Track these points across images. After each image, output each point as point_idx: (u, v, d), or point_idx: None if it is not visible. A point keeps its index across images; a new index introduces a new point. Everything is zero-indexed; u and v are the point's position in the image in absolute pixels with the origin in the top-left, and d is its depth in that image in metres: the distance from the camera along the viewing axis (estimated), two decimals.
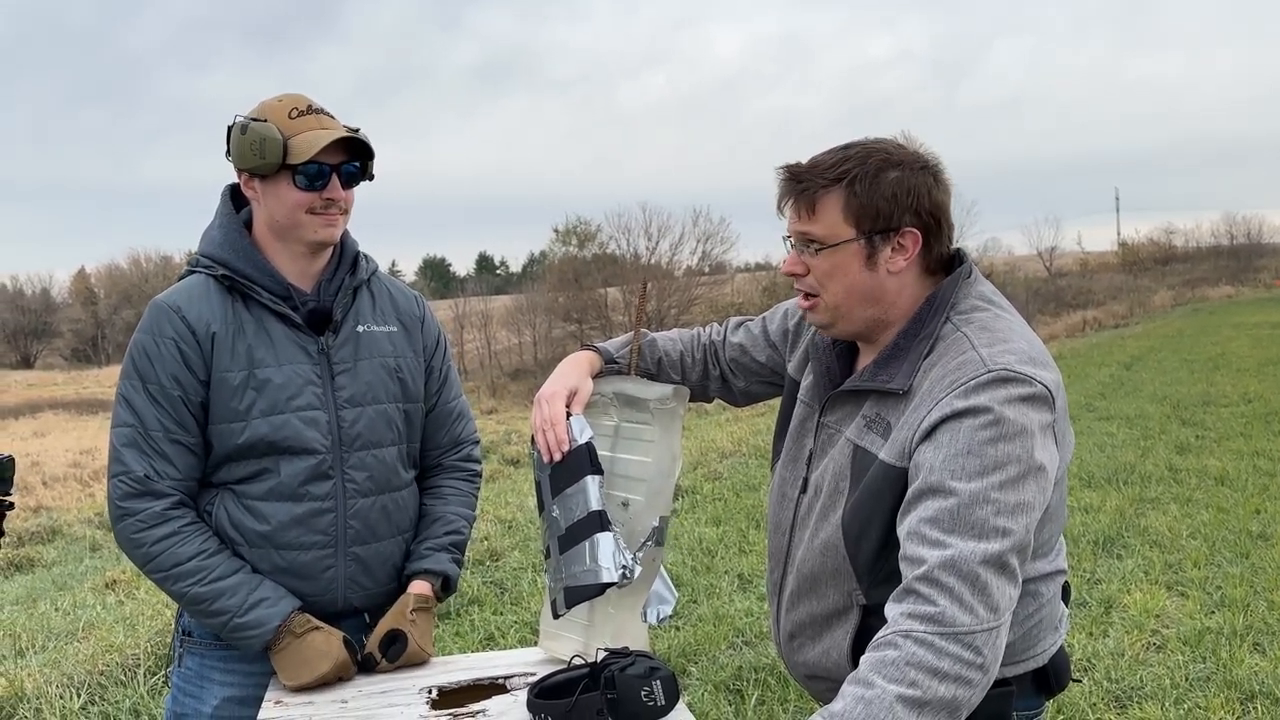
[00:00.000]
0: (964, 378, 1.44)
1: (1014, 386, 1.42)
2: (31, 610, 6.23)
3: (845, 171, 1.51)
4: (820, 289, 1.57)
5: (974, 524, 1.36)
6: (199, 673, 1.91)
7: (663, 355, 1.95)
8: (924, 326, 1.54)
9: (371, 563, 1.94)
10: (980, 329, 1.51)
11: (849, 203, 1.51)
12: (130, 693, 4.08)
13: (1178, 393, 12.02)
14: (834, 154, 1.55)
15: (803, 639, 1.67)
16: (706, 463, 9.09)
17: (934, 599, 1.34)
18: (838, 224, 1.52)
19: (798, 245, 1.58)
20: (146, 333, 1.84)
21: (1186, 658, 4.13)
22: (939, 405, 1.44)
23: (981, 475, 1.38)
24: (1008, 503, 1.37)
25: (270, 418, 1.84)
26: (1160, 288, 41.90)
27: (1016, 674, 1.59)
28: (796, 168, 1.56)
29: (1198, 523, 6.19)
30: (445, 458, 2.11)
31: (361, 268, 1.99)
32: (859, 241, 1.52)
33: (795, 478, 1.71)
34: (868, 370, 1.58)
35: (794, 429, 1.75)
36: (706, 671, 4.17)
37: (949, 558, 1.35)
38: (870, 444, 1.54)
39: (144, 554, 1.81)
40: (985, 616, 1.34)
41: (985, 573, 1.34)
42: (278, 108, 1.84)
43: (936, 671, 1.31)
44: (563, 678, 1.71)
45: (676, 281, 37.86)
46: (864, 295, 1.56)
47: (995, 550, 1.35)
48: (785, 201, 1.57)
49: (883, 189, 1.51)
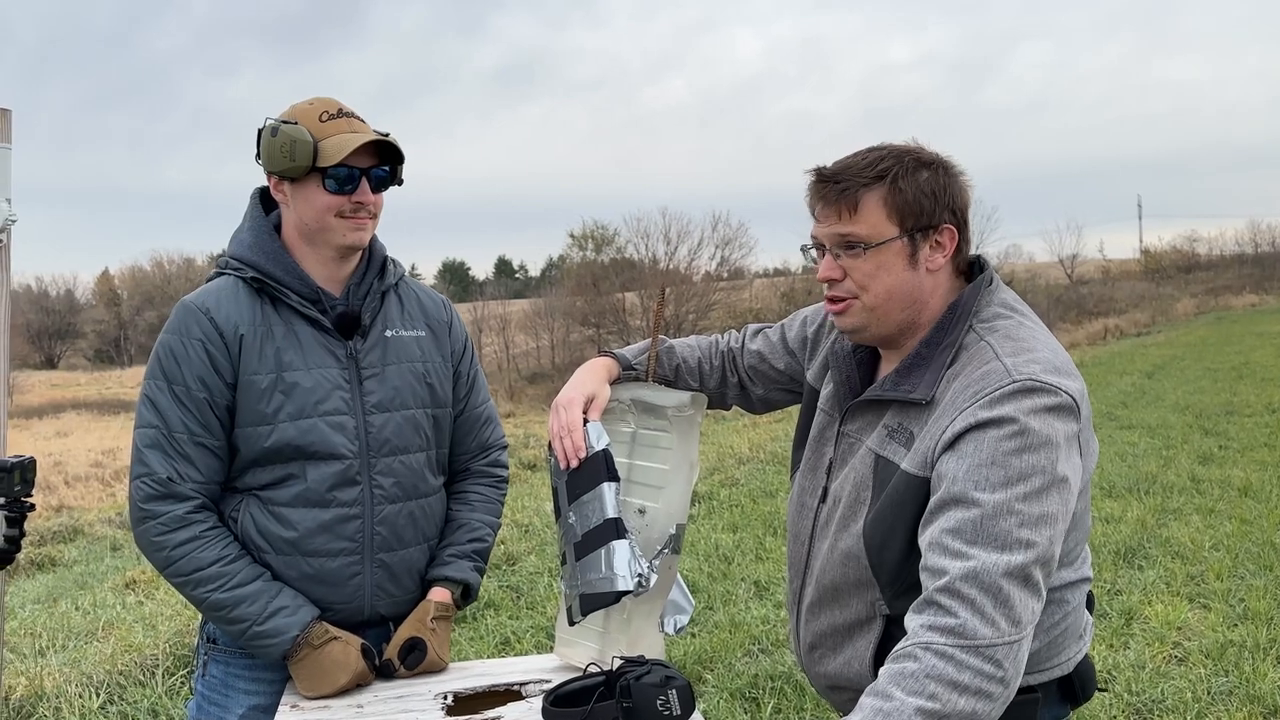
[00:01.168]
0: (988, 388, 1.42)
1: (1039, 397, 1.40)
2: (52, 609, 6.28)
3: (886, 169, 1.51)
4: (861, 291, 1.55)
5: (997, 535, 1.35)
6: (224, 681, 1.91)
7: (680, 362, 1.94)
8: (946, 335, 1.53)
9: (398, 570, 1.93)
10: (1004, 338, 1.50)
11: (892, 200, 1.51)
12: (149, 693, 4.11)
13: (1200, 402, 11.91)
14: (866, 155, 1.54)
15: (824, 650, 1.66)
16: (724, 468, 9.08)
17: (955, 610, 1.33)
18: (881, 222, 1.52)
19: (834, 249, 1.56)
20: (173, 333, 1.83)
21: (1208, 671, 4.08)
22: (962, 415, 1.42)
23: (1005, 486, 1.36)
24: (1031, 514, 1.36)
25: (298, 422, 1.83)
26: (1183, 296, 41.54)
27: (1041, 682, 1.58)
28: (831, 169, 1.55)
29: (1220, 534, 6.12)
30: (473, 463, 2.11)
31: (390, 272, 1.99)
32: (902, 239, 1.52)
33: (814, 487, 1.70)
34: (889, 380, 1.57)
35: (813, 438, 1.74)
36: (722, 679, 4.16)
37: (971, 569, 1.33)
38: (892, 454, 1.52)
39: (165, 557, 1.80)
40: (1007, 629, 1.32)
41: (1008, 585, 1.33)
42: (309, 111, 1.84)
43: (956, 684, 1.30)
44: (578, 685, 1.71)
45: (694, 287, 37.81)
46: (904, 295, 1.55)
47: (1018, 562, 1.34)
48: (819, 205, 1.56)
49: (920, 185, 1.51)
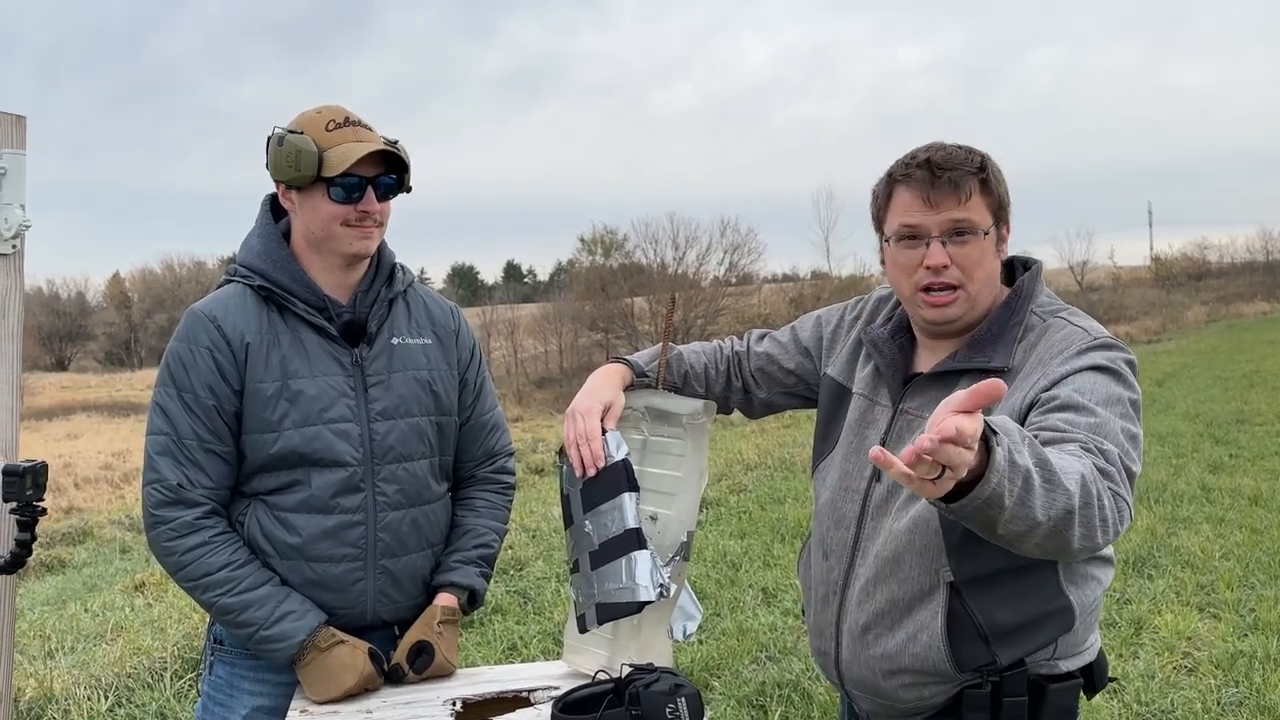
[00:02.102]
0: (1074, 344, 1.57)
1: (1118, 352, 1.57)
2: (61, 611, 6.30)
3: (982, 164, 1.62)
4: (967, 279, 1.63)
5: (1112, 435, 1.45)
6: (229, 682, 1.92)
7: (689, 368, 1.95)
8: (1014, 314, 1.65)
9: (401, 576, 1.94)
10: (1071, 314, 1.66)
11: (989, 190, 1.62)
12: (156, 695, 4.12)
13: (1211, 410, 11.86)
14: (954, 150, 1.63)
15: (880, 629, 1.65)
16: (731, 475, 9.07)
17: (1103, 464, 1.38)
18: (983, 211, 1.62)
19: (944, 236, 1.61)
20: (182, 341, 1.85)
21: (1218, 681, 4.06)
22: (1052, 366, 1.55)
23: (1108, 405, 1.48)
24: (1131, 431, 1.49)
25: (303, 429, 1.84)
26: (1193, 303, 41.39)
27: (1079, 666, 1.63)
28: (939, 158, 1.61)
29: (1231, 543, 6.09)
30: (479, 469, 2.11)
31: (398, 279, 2.00)
32: (995, 229, 1.64)
33: (861, 470, 1.71)
34: (961, 353, 1.64)
35: (854, 422, 1.76)
36: (730, 686, 4.15)
37: (1103, 448, 1.41)
38: None
39: (175, 562, 1.82)
40: (1132, 504, 1.42)
41: (1122, 471, 1.41)
42: (315, 120, 1.85)
43: (1102, 498, 1.34)
44: (587, 693, 1.71)
45: (703, 292, 37.82)
46: (992, 282, 1.67)
47: (1128, 461, 1.44)
48: (931, 193, 1.61)
49: (1002, 180, 1.64)
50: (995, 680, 1.58)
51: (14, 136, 1.95)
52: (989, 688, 1.57)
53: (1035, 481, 1.24)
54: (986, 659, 1.57)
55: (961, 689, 1.60)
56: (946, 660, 1.58)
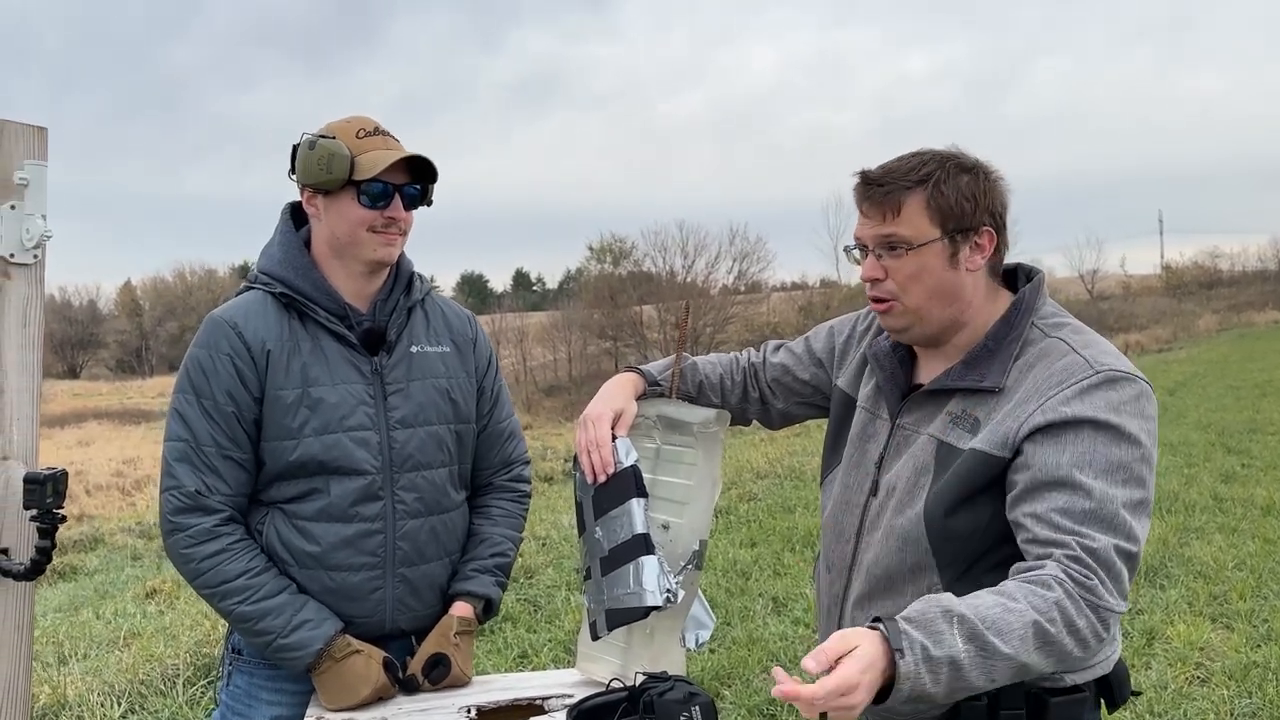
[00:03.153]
0: (1072, 378, 1.51)
1: (1124, 386, 1.51)
2: (74, 618, 6.33)
3: (928, 174, 1.58)
4: (901, 293, 1.62)
5: (1106, 519, 1.42)
6: (248, 691, 1.93)
7: (703, 379, 1.96)
8: (1012, 329, 1.61)
9: (419, 584, 1.95)
10: (1072, 333, 1.59)
11: (934, 203, 1.58)
12: (169, 703, 4.14)
13: (1223, 420, 11.81)
14: (910, 159, 1.61)
15: None
16: (741, 483, 9.06)
17: (1083, 572, 1.39)
18: (923, 224, 1.58)
19: (876, 249, 1.62)
20: (203, 347, 1.86)
21: (1232, 692, 4.04)
22: (1051, 401, 1.49)
23: (1108, 474, 1.44)
24: (1132, 500, 1.44)
25: (322, 437, 1.85)
26: (1205, 312, 41.26)
27: (1088, 680, 1.61)
28: (875, 172, 1.61)
29: (1244, 553, 6.07)
30: (496, 477, 2.12)
31: (416, 288, 2.01)
32: (943, 241, 1.59)
33: (861, 483, 1.72)
34: (955, 370, 1.62)
35: (856, 435, 1.77)
36: (740, 696, 4.15)
37: (1091, 546, 1.40)
38: (956, 439, 1.57)
39: (193, 569, 1.83)
40: (1116, 602, 1.41)
41: (1119, 562, 1.41)
42: (346, 127, 1.87)
43: (1073, 625, 1.37)
44: (600, 701, 1.71)
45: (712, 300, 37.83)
46: (945, 295, 1.61)
47: (1126, 546, 1.42)
48: (864, 205, 1.62)
49: (961, 188, 1.59)
50: (992, 694, 1.55)
51: (36, 148, 1.97)
52: (985, 700, 1.55)
53: (964, 661, 1.32)
54: None
55: (958, 702, 1.59)
56: None
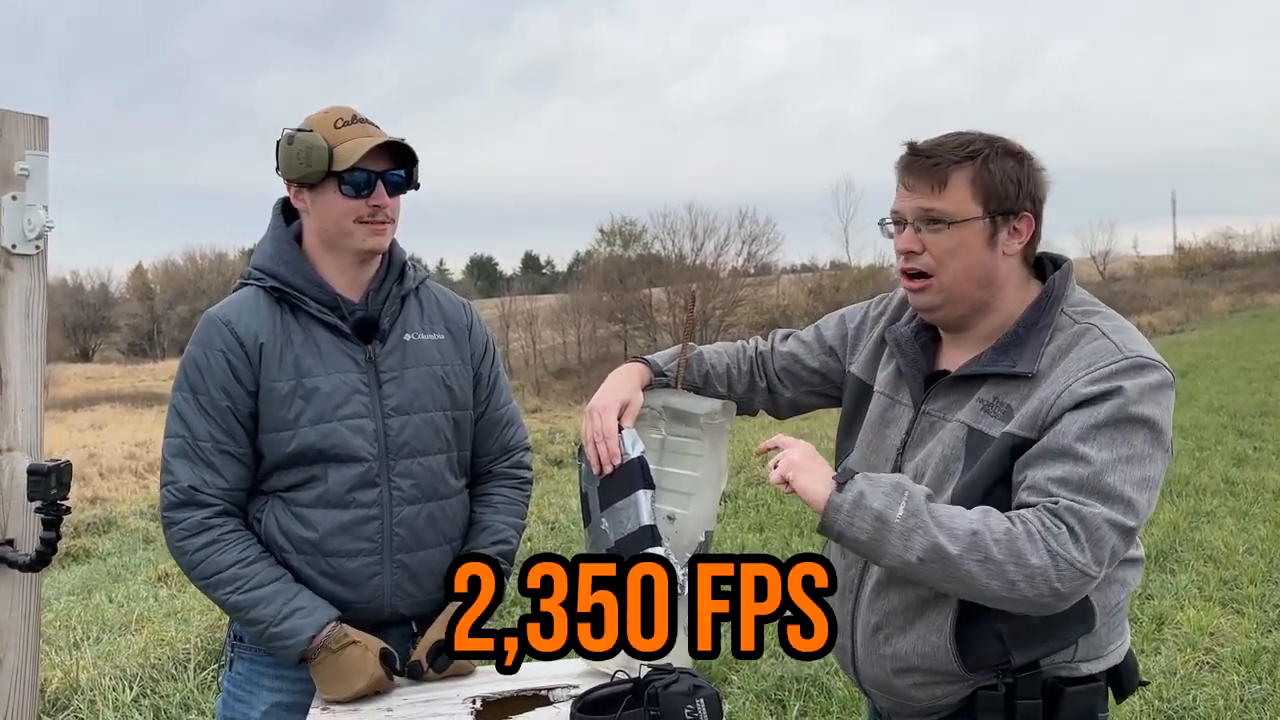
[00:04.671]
0: (1102, 361, 1.51)
1: (1150, 373, 1.51)
2: (86, 601, 6.38)
3: (977, 150, 1.57)
4: (937, 268, 1.60)
5: (1102, 489, 1.44)
6: (249, 678, 1.94)
7: (710, 369, 1.94)
8: (1043, 316, 1.60)
9: (418, 571, 1.95)
10: (1104, 319, 1.59)
11: (980, 180, 1.57)
12: (180, 687, 4.17)
13: (1235, 402, 11.75)
14: (958, 136, 1.60)
15: (891, 629, 1.66)
16: (749, 467, 9.05)
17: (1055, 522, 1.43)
18: (966, 201, 1.57)
19: (916, 222, 1.60)
20: (198, 345, 1.89)
21: (1242, 678, 4.03)
22: (1081, 382, 1.50)
23: (1113, 447, 1.46)
24: (1134, 476, 1.45)
25: (318, 426, 1.86)
26: (1218, 293, 41.04)
27: (1102, 669, 1.62)
28: (924, 145, 1.60)
29: (1255, 538, 6.04)
30: (495, 465, 2.12)
31: (409, 276, 2.01)
32: (984, 220, 1.58)
33: (881, 468, 1.71)
34: (987, 356, 1.61)
35: (873, 421, 1.76)
36: (748, 681, 4.15)
37: (1078, 509, 1.44)
38: (988, 426, 1.57)
39: (187, 561, 1.86)
40: (1089, 562, 1.42)
41: (1105, 530, 1.43)
42: (323, 119, 1.88)
43: (1020, 557, 1.40)
44: (606, 693, 1.71)
45: (721, 283, 37.79)
46: (980, 276, 1.60)
47: (1119, 517, 1.44)
48: (909, 178, 1.61)
49: (1008, 170, 1.58)
50: (1010, 681, 1.57)
51: (37, 138, 1.96)
52: (1003, 689, 1.56)
53: (893, 523, 1.46)
54: (1000, 658, 1.56)
55: (975, 690, 1.60)
56: (955, 661, 1.58)
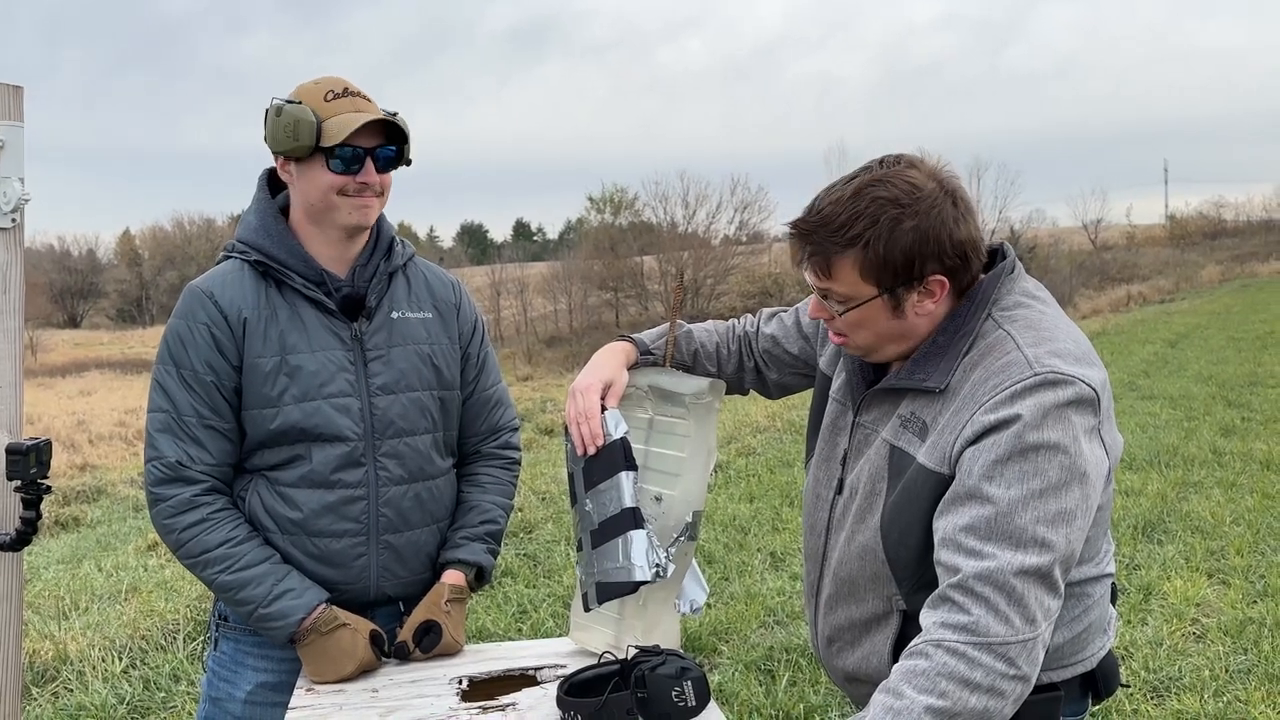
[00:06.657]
0: (1008, 381, 1.40)
1: (1060, 389, 1.38)
2: (75, 570, 6.37)
3: (857, 235, 1.44)
4: (849, 334, 1.56)
5: (1012, 533, 1.34)
6: (233, 658, 1.93)
7: (699, 347, 1.92)
8: (964, 323, 1.50)
9: (404, 551, 1.94)
10: (1025, 327, 1.46)
11: (866, 264, 1.45)
12: (170, 658, 4.16)
13: (1224, 372, 11.79)
14: (842, 207, 1.46)
15: (841, 644, 1.65)
16: (740, 438, 9.07)
17: (968, 608, 1.32)
18: (857, 284, 1.48)
19: (818, 295, 1.55)
20: (180, 318, 1.84)
21: (1227, 649, 4.06)
22: (983, 409, 1.40)
23: (1021, 482, 1.35)
24: (1048, 512, 1.34)
25: (302, 404, 1.83)
26: (1208, 263, 41.09)
27: (1064, 678, 1.57)
28: (806, 226, 1.49)
29: (1242, 508, 6.07)
30: (484, 445, 2.10)
31: (397, 253, 1.98)
32: (882, 297, 1.48)
33: (829, 478, 1.68)
34: (904, 369, 1.55)
35: (827, 427, 1.72)
36: (738, 651, 4.17)
37: (985, 569, 1.33)
38: (907, 444, 1.51)
39: (174, 539, 1.83)
40: (1021, 627, 1.32)
41: (1021, 584, 1.32)
42: (314, 90, 1.83)
43: (968, 682, 1.30)
44: (593, 674, 1.70)
45: (713, 251, 37.67)
46: (896, 335, 1.53)
47: (1034, 562, 1.33)
48: (798, 256, 1.53)
49: (900, 244, 1.44)
50: None
51: (11, 108, 1.91)
52: None
53: None
54: None
55: None
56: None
